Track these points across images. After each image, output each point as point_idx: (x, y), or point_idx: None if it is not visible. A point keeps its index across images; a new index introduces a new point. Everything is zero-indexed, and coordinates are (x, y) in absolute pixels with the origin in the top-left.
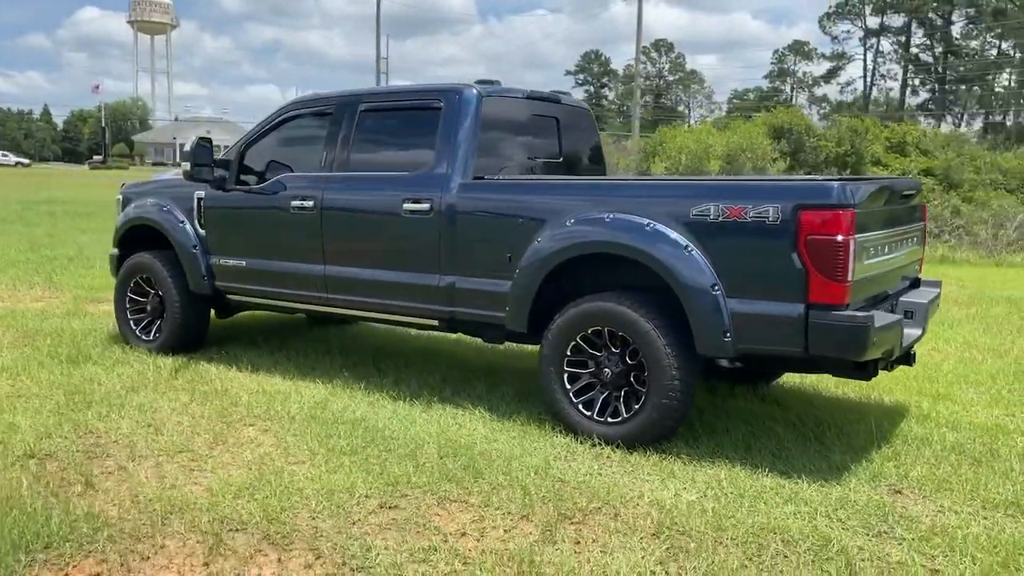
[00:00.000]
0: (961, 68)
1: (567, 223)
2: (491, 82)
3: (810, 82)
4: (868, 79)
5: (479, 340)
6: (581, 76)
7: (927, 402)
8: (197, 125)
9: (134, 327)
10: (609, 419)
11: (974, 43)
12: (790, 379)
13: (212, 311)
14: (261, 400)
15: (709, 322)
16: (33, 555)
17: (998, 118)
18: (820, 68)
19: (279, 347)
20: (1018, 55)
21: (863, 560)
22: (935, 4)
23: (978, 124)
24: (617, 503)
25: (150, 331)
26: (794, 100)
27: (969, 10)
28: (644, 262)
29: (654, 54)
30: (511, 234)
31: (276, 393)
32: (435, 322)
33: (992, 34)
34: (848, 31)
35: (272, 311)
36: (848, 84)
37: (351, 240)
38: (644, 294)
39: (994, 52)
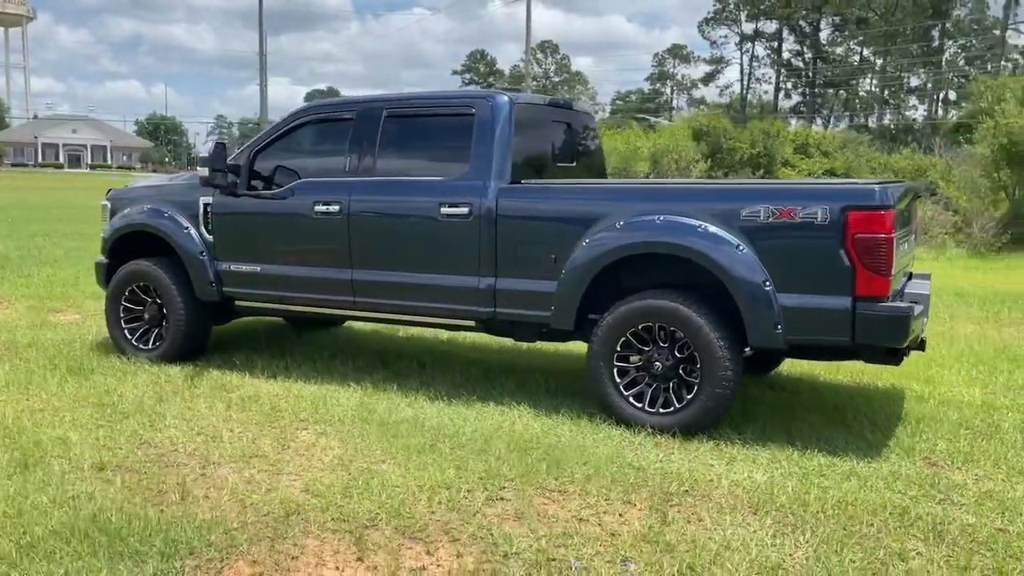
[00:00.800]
0: (828, 73)
1: (616, 225)
2: (516, 90)
3: (689, 85)
4: (745, 82)
5: (474, 339)
6: (468, 76)
7: (917, 384)
8: (60, 124)
9: (129, 337)
10: (661, 409)
11: (839, 50)
12: (783, 367)
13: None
14: (301, 404)
15: (762, 316)
16: (183, 561)
17: (861, 120)
18: (698, 71)
19: (280, 352)
20: (878, 62)
21: (941, 524)
22: (804, 12)
23: (843, 126)
24: (702, 485)
25: (147, 340)
26: (674, 102)
27: (835, 18)
28: (697, 260)
29: (540, 55)
30: (557, 236)
31: (310, 397)
32: (471, 322)
33: (855, 41)
34: (726, 36)
35: (282, 315)
36: (727, 87)
37: (381, 244)
38: (692, 291)
39: (856, 58)
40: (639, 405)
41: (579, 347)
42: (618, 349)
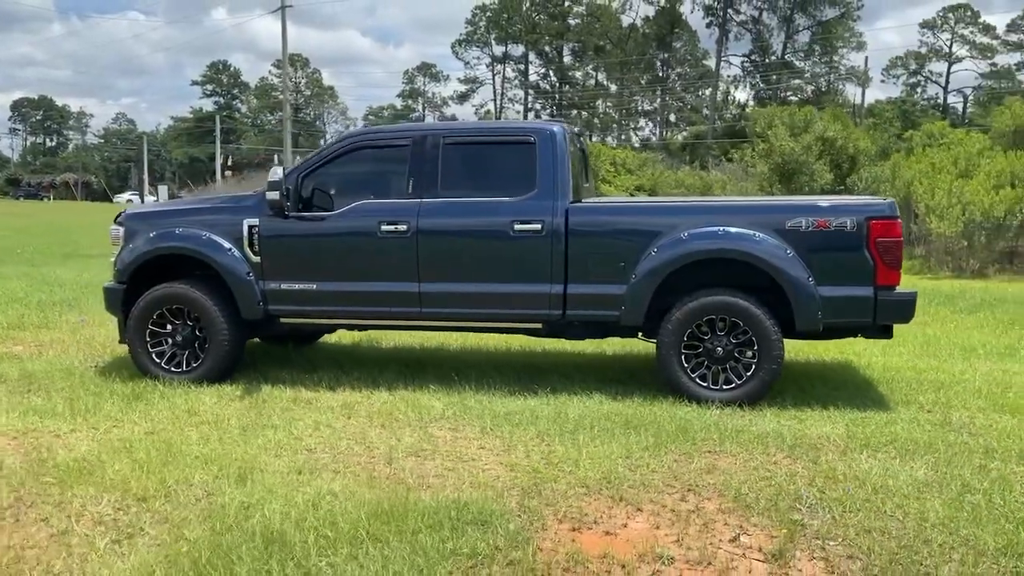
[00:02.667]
0: (571, 96)
1: (682, 236)
2: (560, 121)
3: (439, 102)
4: (498, 102)
5: (477, 342)
6: (210, 87)
7: (873, 358)
8: None
9: (158, 360)
10: (724, 387)
11: (579, 74)
12: None
13: None
14: (399, 408)
15: (808, 305)
16: (511, 524)
17: (598, 140)
18: (448, 89)
19: (302, 367)
20: (613, 87)
21: (994, 450)
22: (548, 38)
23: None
24: (810, 438)
25: (179, 363)
26: (425, 119)
27: (576, 45)
28: (754, 263)
29: (289, 68)
30: (626, 246)
31: (400, 401)
32: (539, 325)
33: (591, 66)
34: (478, 57)
35: (335, 329)
36: (482, 106)
37: (451, 258)
38: (746, 288)
39: (592, 82)
40: (705, 384)
41: (585, 345)
42: (684, 339)
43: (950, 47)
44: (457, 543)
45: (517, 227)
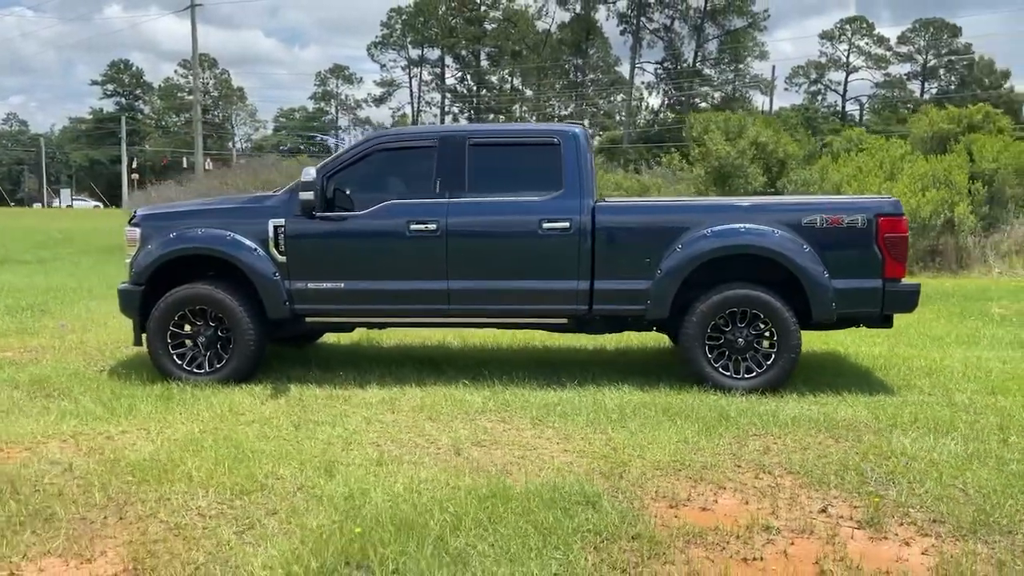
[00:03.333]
0: (488, 100)
1: (707, 233)
2: (580, 124)
3: (353, 104)
4: (416, 105)
5: (476, 339)
6: (111, 87)
7: (858, 347)
8: None
9: (180, 362)
10: (745, 375)
11: (495, 78)
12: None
13: None
14: (444, 405)
15: (824, 297)
16: (658, 505)
17: None
18: (361, 91)
19: (317, 368)
20: (527, 91)
21: (1007, 427)
22: (465, 42)
23: None
24: (844, 420)
25: (202, 364)
26: (338, 121)
27: (492, 49)
28: (774, 258)
29: (197, 69)
30: (652, 243)
31: (437, 396)
32: (564, 320)
33: (506, 72)
34: (394, 60)
35: (360, 327)
36: (398, 109)
37: (480, 256)
38: (765, 282)
39: (508, 87)
40: (728, 373)
41: (586, 340)
42: (708, 331)
43: (847, 57)
44: (576, 521)
45: (546, 225)
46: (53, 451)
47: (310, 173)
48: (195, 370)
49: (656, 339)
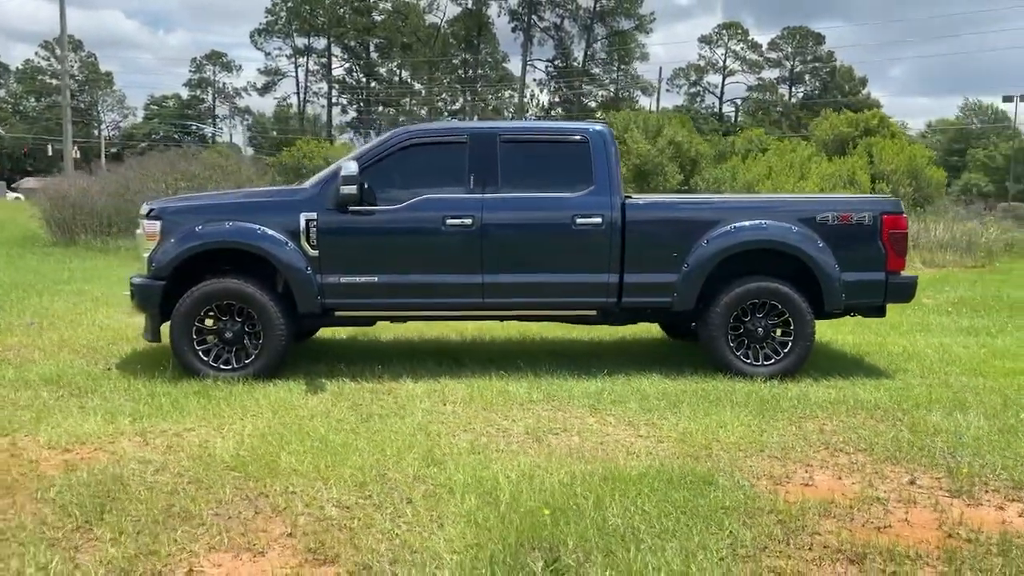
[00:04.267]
0: (377, 92)
1: (730, 228)
2: (601, 122)
3: (232, 92)
4: (302, 95)
5: (477, 332)
6: None
7: (837, 336)
8: None
9: (206, 358)
10: (765, 362)
11: (383, 70)
12: None
13: None
14: (486, 394)
15: (835, 289)
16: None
17: None
18: (240, 80)
19: (335, 361)
20: (416, 84)
21: (1009, 402)
22: (353, 32)
23: None
24: (869, 401)
25: (228, 360)
26: (216, 110)
27: (382, 41)
28: (792, 252)
29: (67, 50)
30: (679, 238)
31: (483, 387)
32: (594, 312)
33: (395, 64)
34: (279, 48)
35: (391, 321)
36: (284, 99)
37: (514, 250)
38: (782, 275)
39: (397, 79)
40: (748, 361)
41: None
42: (730, 321)
43: (724, 61)
44: (708, 499)
45: (579, 221)
46: (130, 450)
47: (351, 167)
48: (222, 367)
49: (646, 330)
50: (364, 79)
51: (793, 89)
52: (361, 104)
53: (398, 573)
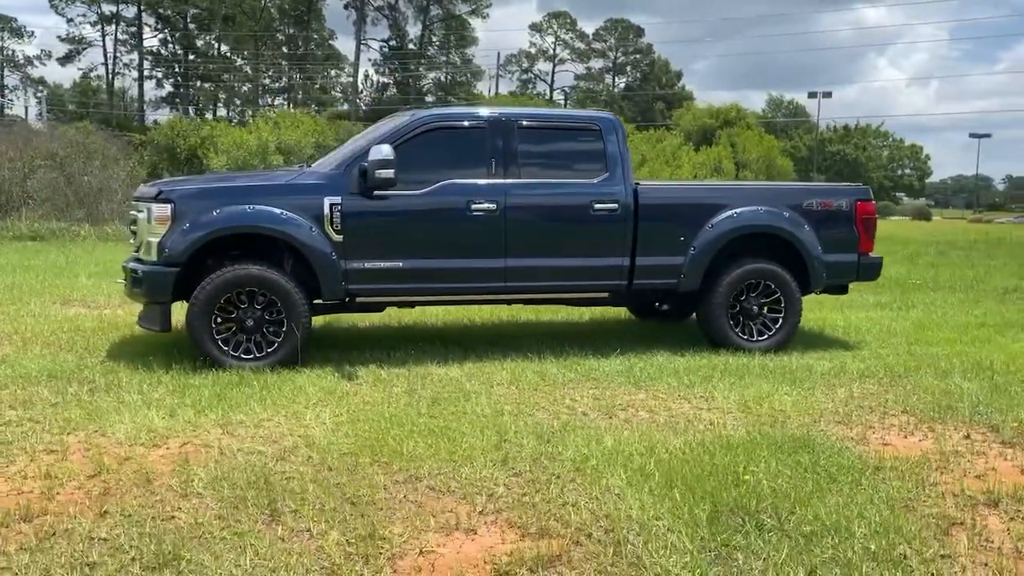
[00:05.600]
0: (197, 67)
1: (733, 213)
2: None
3: (23, 61)
4: (111, 67)
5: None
6: None
7: None
8: None
9: (225, 348)
10: (758, 337)
11: (200, 42)
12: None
13: None
14: (526, 376)
15: (818, 270)
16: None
17: (223, 112)
18: (33, 47)
19: (343, 349)
20: (238, 60)
21: (995, 371)
22: (169, 1)
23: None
24: (854, 370)
25: (248, 349)
26: (5, 81)
27: (202, 12)
28: (784, 236)
29: None
30: (687, 222)
31: (519, 370)
32: (606, 295)
33: (212, 36)
34: (84, 14)
35: (410, 306)
36: (91, 70)
37: (536, 235)
38: (773, 257)
39: (215, 53)
40: (745, 337)
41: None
42: (731, 301)
43: (554, 49)
44: (829, 460)
45: (597, 206)
46: (228, 442)
47: (386, 150)
48: (243, 355)
49: (610, 312)
50: (181, 52)
51: (616, 79)
52: (179, 79)
53: (630, 539)
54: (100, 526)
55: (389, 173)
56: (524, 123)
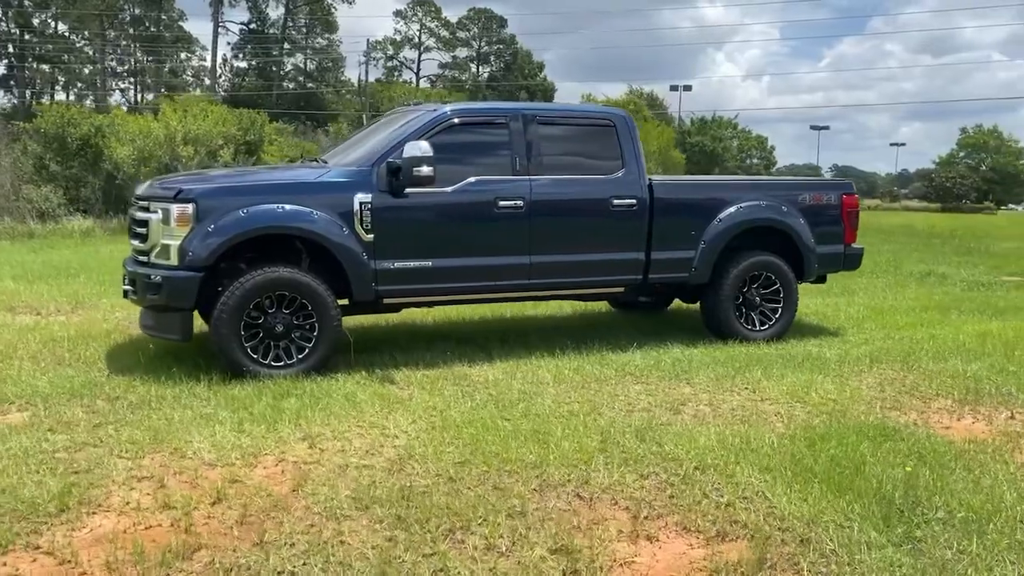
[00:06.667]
0: (35, 47)
1: (738, 208)
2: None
3: None
4: None
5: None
6: None
7: None
8: None
9: (254, 355)
10: (760, 327)
11: (36, 21)
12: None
13: None
14: (565, 372)
15: (812, 261)
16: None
17: (62, 96)
18: None
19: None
20: (80, 42)
21: (982, 353)
22: None
23: (58, 99)
24: (853, 359)
25: (278, 356)
26: None
27: None
28: (783, 229)
29: None
30: (698, 217)
31: (556, 368)
32: (622, 289)
33: (49, 14)
34: None
35: (432, 306)
36: None
37: (560, 231)
38: (773, 249)
39: (52, 32)
40: (748, 327)
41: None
42: (736, 292)
43: (419, 37)
44: (923, 447)
45: (616, 202)
46: (329, 457)
47: (424, 147)
48: (274, 363)
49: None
50: (18, 31)
51: (480, 69)
52: (13, 60)
53: (813, 537)
54: (273, 558)
55: (429, 171)
56: (541, 119)
